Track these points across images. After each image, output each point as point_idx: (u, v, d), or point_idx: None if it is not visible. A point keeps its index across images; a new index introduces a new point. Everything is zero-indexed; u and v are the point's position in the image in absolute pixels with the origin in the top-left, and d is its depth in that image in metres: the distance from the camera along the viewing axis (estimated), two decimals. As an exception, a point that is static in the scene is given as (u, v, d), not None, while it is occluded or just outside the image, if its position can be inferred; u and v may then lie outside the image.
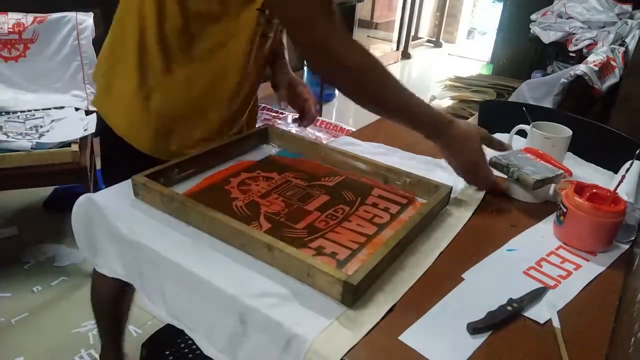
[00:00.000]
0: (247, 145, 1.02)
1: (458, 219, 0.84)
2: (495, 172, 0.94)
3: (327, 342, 0.57)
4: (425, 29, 6.19)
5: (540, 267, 0.74)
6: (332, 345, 0.57)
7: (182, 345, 1.42)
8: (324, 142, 1.01)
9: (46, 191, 2.25)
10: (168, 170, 0.86)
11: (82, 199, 0.82)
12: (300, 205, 0.83)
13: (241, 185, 0.88)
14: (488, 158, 0.92)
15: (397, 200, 0.87)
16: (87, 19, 1.97)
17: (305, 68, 3.72)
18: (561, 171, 0.90)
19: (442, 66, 5.28)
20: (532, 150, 0.96)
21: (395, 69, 5.19)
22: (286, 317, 0.60)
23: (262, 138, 1.06)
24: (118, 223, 0.77)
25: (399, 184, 0.90)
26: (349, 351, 0.56)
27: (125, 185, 0.84)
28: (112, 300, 1.24)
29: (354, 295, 0.61)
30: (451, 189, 0.86)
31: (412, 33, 5.56)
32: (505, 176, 0.93)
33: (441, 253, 0.75)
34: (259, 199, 0.84)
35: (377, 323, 0.61)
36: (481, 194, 0.92)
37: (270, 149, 1.04)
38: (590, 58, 2.30)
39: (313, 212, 0.82)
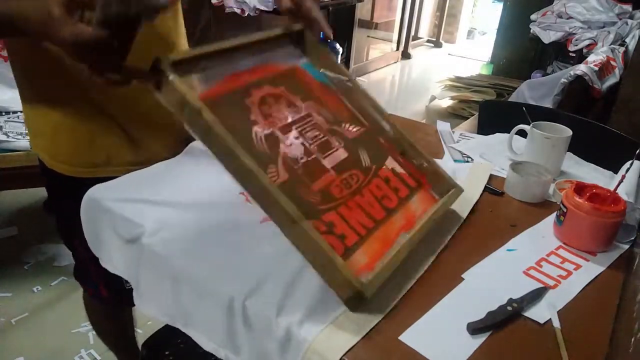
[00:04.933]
0: (278, 44, 0.86)
1: (456, 218, 0.84)
2: (497, 171, 0.93)
3: (326, 342, 0.57)
4: (425, 29, 6.19)
5: (540, 267, 0.74)
6: (331, 345, 0.57)
7: (182, 345, 1.42)
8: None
9: (46, 191, 2.25)
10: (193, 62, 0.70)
11: (89, 191, 0.82)
12: (319, 156, 0.75)
13: (262, 104, 0.77)
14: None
15: (408, 182, 0.83)
16: (87, 19, 1.96)
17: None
18: None
19: (442, 66, 5.28)
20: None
21: (395, 69, 5.19)
22: (286, 316, 0.60)
23: (296, 41, 0.89)
24: (118, 220, 0.77)
25: (415, 163, 0.86)
26: (348, 351, 0.56)
27: (128, 180, 0.84)
28: (109, 319, 1.25)
29: (359, 302, 0.61)
30: (462, 191, 0.85)
31: (412, 33, 5.56)
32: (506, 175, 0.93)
33: (440, 253, 0.75)
34: (279, 132, 0.75)
35: (377, 323, 0.61)
36: (478, 193, 0.92)
37: (297, 59, 0.88)
38: (590, 58, 2.30)
39: (329, 170, 0.74)
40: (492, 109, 1.68)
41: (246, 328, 0.63)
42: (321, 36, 0.96)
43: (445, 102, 3.29)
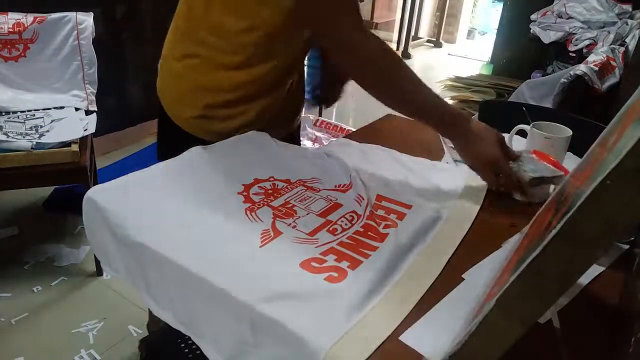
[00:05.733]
0: None
1: (459, 228, 0.83)
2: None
3: (342, 352, 0.56)
4: (425, 29, 6.19)
5: (540, 267, 0.74)
6: (347, 355, 0.56)
7: (182, 345, 1.42)
8: (324, 142, 1.01)
9: (46, 191, 2.25)
10: None
11: (87, 194, 0.81)
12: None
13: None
14: None
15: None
16: (87, 19, 1.97)
17: (305, 69, 3.71)
18: (561, 173, 0.90)
19: (442, 66, 5.28)
20: (538, 152, 0.96)
21: (395, 69, 5.19)
22: (299, 326, 0.58)
23: None
24: (118, 222, 0.76)
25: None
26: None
27: (126, 182, 0.83)
28: None
29: None
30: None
31: (412, 33, 5.56)
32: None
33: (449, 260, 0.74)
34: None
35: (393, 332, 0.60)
36: (479, 204, 0.91)
37: None
38: (590, 58, 2.31)
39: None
40: (492, 109, 1.68)
41: (257, 339, 0.62)
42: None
43: (445, 102, 3.30)
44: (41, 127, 1.77)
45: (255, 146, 1.01)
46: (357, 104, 3.94)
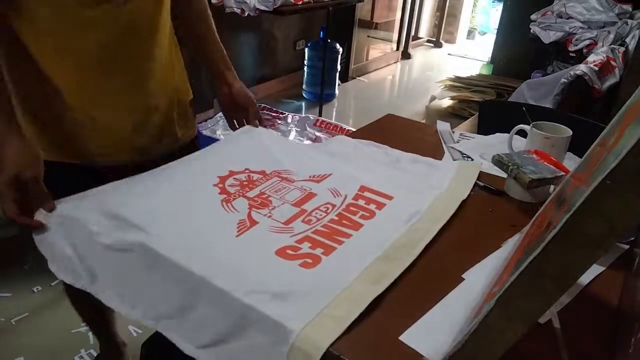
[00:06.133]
0: None
1: (437, 220, 0.83)
2: (497, 171, 0.94)
3: (313, 332, 0.57)
4: (425, 29, 6.18)
5: (540, 267, 0.74)
6: (319, 335, 0.57)
7: (182, 345, 1.42)
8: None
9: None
10: None
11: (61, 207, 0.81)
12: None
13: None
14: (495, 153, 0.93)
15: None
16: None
17: (305, 69, 3.73)
18: (561, 173, 0.90)
19: (442, 66, 5.28)
20: (539, 152, 0.96)
21: (395, 69, 5.19)
22: (273, 311, 0.60)
23: None
24: (96, 224, 0.75)
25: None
26: (335, 341, 0.57)
27: (94, 192, 0.82)
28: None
29: None
30: None
31: (412, 33, 5.56)
32: (506, 174, 0.93)
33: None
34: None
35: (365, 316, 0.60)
36: (460, 199, 0.90)
37: None
38: (590, 58, 2.30)
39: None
40: (492, 109, 1.68)
41: (232, 323, 0.63)
42: (321, 35, 1.04)
43: (445, 102, 3.29)
44: (41, 127, 1.77)
45: (231, 139, 1.03)
46: (357, 104, 3.95)
